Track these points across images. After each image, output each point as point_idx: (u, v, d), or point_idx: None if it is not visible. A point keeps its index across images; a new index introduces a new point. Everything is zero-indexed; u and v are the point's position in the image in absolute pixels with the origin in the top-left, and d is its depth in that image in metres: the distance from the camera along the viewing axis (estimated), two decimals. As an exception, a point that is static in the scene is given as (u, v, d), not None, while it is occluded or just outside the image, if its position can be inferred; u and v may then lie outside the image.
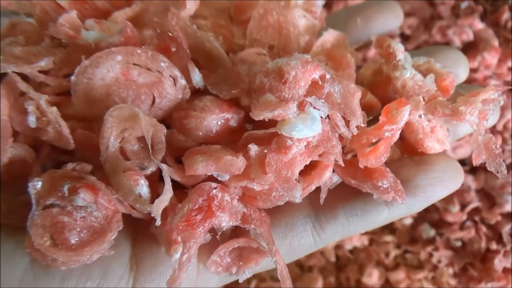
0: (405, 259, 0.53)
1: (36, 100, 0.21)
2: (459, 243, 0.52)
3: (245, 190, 0.24)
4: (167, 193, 0.20)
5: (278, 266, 0.23)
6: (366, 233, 0.52)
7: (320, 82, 0.22)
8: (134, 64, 0.21)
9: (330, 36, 0.28)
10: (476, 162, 0.25)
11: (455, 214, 0.51)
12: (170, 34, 0.23)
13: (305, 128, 0.21)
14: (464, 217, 0.51)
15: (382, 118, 0.24)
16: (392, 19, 0.33)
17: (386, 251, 0.52)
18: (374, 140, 0.24)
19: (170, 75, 0.22)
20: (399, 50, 0.26)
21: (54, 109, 0.21)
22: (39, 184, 0.21)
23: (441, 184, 0.26)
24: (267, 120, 0.22)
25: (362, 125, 0.24)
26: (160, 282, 0.23)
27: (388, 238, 0.52)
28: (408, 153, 0.27)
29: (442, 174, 0.26)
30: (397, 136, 0.24)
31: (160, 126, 0.21)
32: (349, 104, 0.23)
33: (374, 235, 0.53)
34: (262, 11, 0.28)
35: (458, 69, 0.30)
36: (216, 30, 0.28)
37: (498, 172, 0.25)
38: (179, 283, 0.21)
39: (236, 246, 0.23)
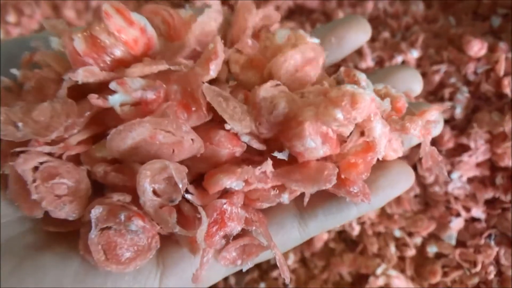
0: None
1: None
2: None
3: (248, 194, 0.30)
4: (205, 223, 0.26)
5: (277, 256, 0.29)
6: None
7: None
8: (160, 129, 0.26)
9: None
10: (424, 166, 0.33)
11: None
12: (193, 94, 0.27)
13: None
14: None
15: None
16: (361, 35, 0.37)
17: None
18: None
19: (190, 138, 0.27)
20: (362, 78, 0.32)
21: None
22: (99, 211, 0.26)
23: (396, 184, 0.32)
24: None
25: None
26: (182, 276, 0.29)
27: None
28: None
29: (397, 177, 0.32)
30: (376, 159, 0.31)
31: (182, 168, 0.27)
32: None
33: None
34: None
35: (414, 84, 0.37)
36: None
37: (439, 175, 0.32)
38: (201, 278, 0.28)
39: (242, 244, 0.30)
